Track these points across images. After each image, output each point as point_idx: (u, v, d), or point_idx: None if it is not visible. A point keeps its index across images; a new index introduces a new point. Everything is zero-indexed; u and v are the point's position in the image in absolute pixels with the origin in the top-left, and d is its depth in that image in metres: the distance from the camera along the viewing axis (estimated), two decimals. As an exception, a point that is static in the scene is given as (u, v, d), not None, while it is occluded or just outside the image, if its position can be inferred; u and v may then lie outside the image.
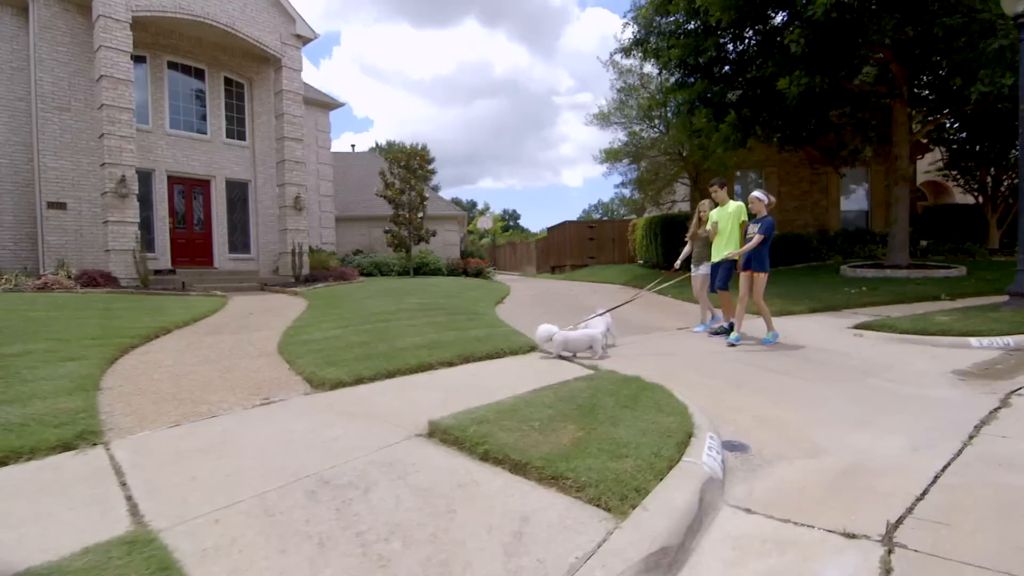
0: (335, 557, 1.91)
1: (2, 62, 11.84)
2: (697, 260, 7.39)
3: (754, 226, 6.34)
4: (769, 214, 6.34)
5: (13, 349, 4.84)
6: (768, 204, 6.36)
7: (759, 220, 6.30)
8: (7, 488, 2.48)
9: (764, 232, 6.17)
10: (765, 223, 6.23)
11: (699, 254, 7.36)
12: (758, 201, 6.34)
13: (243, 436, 3.21)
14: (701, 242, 7.32)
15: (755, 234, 6.24)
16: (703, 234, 7.21)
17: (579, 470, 2.45)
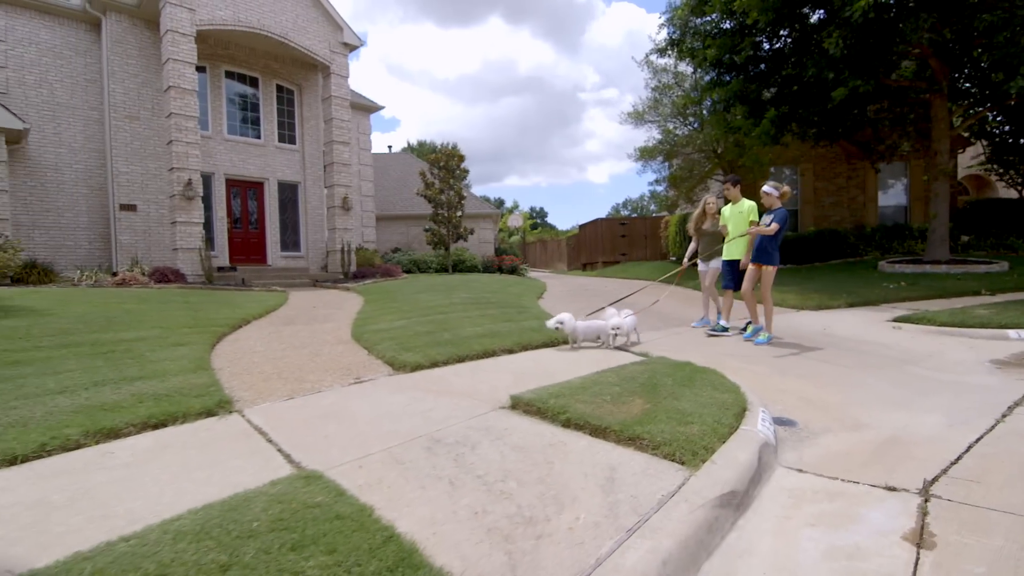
0: (465, 492, 2.38)
1: (77, 75, 12.78)
2: (705, 256, 7.33)
3: (767, 218, 6.23)
4: (783, 206, 6.21)
5: (129, 335, 5.49)
6: (780, 195, 6.21)
7: (772, 212, 6.18)
8: (179, 443, 3.03)
9: (779, 222, 6.04)
10: (778, 214, 6.09)
11: (707, 250, 7.29)
12: (767, 195, 6.24)
13: (350, 407, 3.73)
14: (708, 237, 7.26)
15: (770, 223, 6.14)
16: (710, 229, 7.17)
17: (653, 433, 2.88)
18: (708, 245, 7.26)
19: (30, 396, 3.52)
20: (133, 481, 2.54)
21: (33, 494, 2.38)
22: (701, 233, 7.35)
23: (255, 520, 1.99)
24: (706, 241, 7.28)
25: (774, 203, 6.19)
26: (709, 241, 7.23)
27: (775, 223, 6.03)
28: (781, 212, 6.11)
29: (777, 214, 6.08)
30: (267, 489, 2.31)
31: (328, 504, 2.13)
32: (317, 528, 1.94)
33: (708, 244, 7.26)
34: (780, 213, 6.09)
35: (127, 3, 12.37)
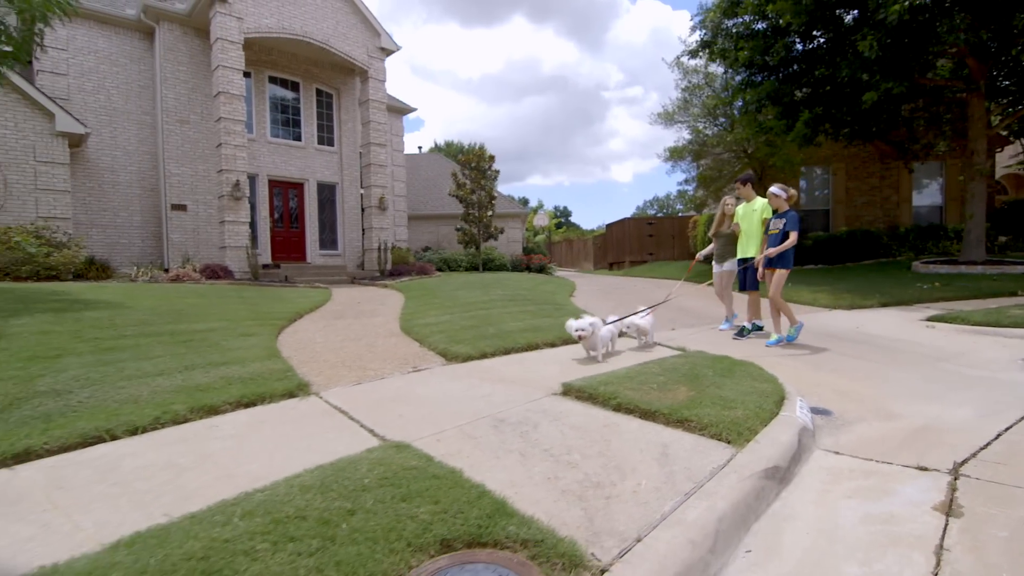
0: (536, 462, 2.70)
1: (131, 81, 13.49)
2: (719, 257, 7.27)
3: (777, 221, 6.13)
4: (791, 208, 6.14)
5: (200, 326, 5.95)
6: (788, 197, 6.10)
7: (782, 215, 6.09)
8: (272, 419, 3.41)
9: (793, 228, 5.94)
10: (791, 219, 5.98)
11: (721, 251, 7.24)
12: (776, 197, 6.11)
13: (414, 392, 4.08)
14: (724, 238, 7.20)
15: (778, 229, 6.04)
16: (727, 230, 7.12)
17: (699, 416, 3.16)
18: (722, 246, 7.23)
19: (133, 377, 3.95)
20: (243, 449, 2.91)
21: (160, 458, 2.78)
22: (718, 235, 7.33)
23: (364, 478, 2.34)
24: (721, 242, 7.25)
25: (782, 205, 6.10)
26: (724, 242, 7.21)
27: (792, 231, 5.94)
28: (794, 216, 6.00)
29: (790, 218, 5.98)
30: (366, 455, 2.65)
31: (422, 467, 2.47)
32: (419, 484, 2.27)
33: (722, 245, 7.23)
34: (793, 217, 5.98)
35: (179, 12, 13.02)
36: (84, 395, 3.53)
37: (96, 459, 2.75)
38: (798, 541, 2.20)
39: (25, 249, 9.93)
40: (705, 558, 1.96)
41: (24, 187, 11.18)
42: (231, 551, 1.76)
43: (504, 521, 2.01)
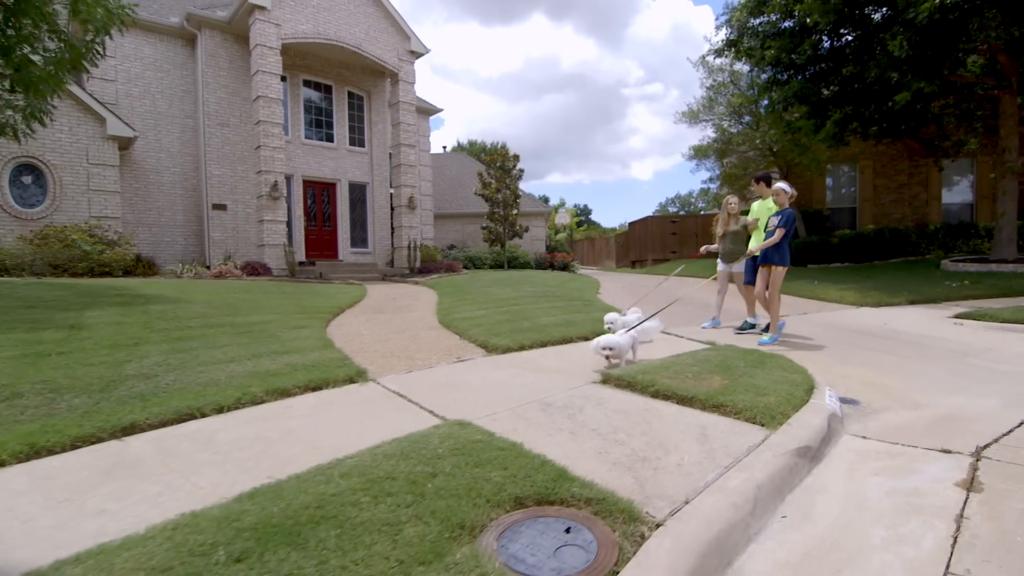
0: (585, 439, 2.97)
1: (175, 86, 14.08)
2: (728, 255, 7.21)
3: (775, 218, 6.23)
4: (789, 206, 6.24)
5: (255, 319, 6.35)
6: (790, 196, 6.21)
7: (780, 212, 6.19)
8: (339, 401, 3.74)
9: (784, 225, 6.08)
10: (785, 215, 6.11)
11: (730, 249, 7.18)
12: (783, 193, 6.19)
13: (463, 379, 4.39)
14: (729, 238, 7.16)
15: (776, 227, 6.16)
16: (733, 228, 7.11)
17: (734, 401, 3.40)
18: (730, 245, 7.18)
19: (208, 364, 4.33)
20: (319, 425, 3.25)
21: (249, 432, 3.12)
22: (724, 234, 7.25)
23: (438, 448, 2.64)
24: (728, 241, 7.20)
25: (785, 203, 6.21)
26: (731, 240, 7.17)
27: (781, 227, 6.07)
28: (788, 213, 6.14)
29: (784, 215, 6.12)
30: (433, 431, 2.96)
31: (486, 441, 2.77)
32: (487, 454, 2.57)
33: (730, 244, 7.18)
34: (787, 214, 6.12)
35: (219, 20, 13.56)
36: (170, 378, 3.91)
37: (193, 432, 3.10)
38: (829, 509, 2.44)
39: (81, 247, 10.51)
40: (746, 519, 2.21)
41: (77, 188, 11.80)
42: (340, 502, 2.08)
43: (567, 484, 2.29)
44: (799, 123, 13.42)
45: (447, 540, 1.84)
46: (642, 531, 2.01)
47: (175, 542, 1.81)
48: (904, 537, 2.18)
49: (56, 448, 2.82)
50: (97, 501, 2.30)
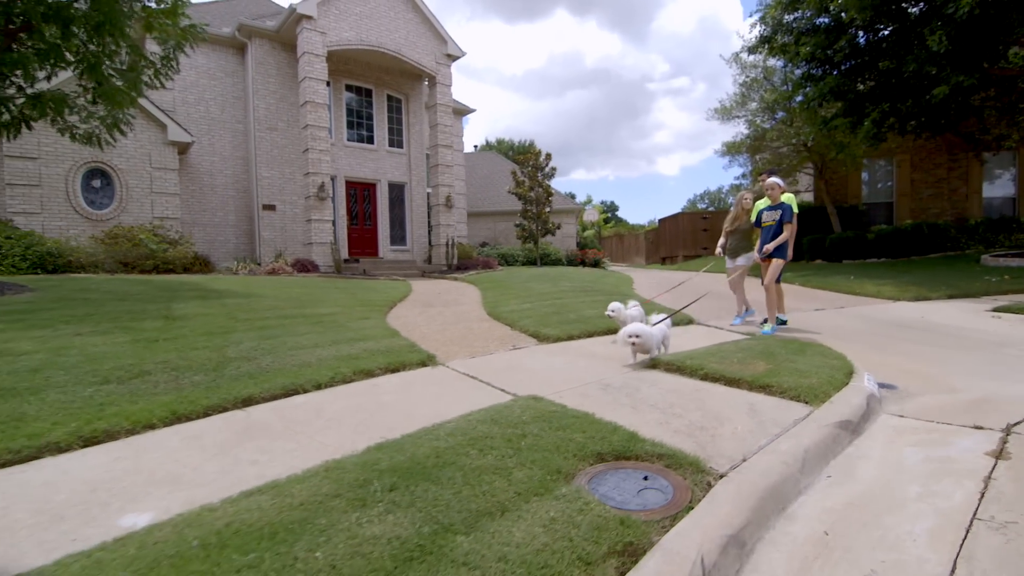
0: (646, 412, 3.35)
1: (226, 93, 14.84)
2: (735, 251, 7.21)
3: (772, 212, 6.25)
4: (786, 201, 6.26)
5: (322, 310, 6.88)
6: (783, 190, 6.30)
7: (777, 207, 6.22)
8: (417, 381, 4.19)
9: (791, 220, 6.15)
10: (786, 210, 6.15)
11: (737, 245, 7.18)
12: (778, 187, 6.25)
13: (523, 363, 4.80)
14: (741, 233, 7.13)
15: (774, 221, 6.22)
16: (744, 226, 7.07)
17: (779, 383, 3.74)
18: (738, 240, 7.19)
19: (296, 348, 4.84)
20: (408, 399, 3.70)
21: (350, 405, 3.58)
22: (735, 230, 7.21)
23: (521, 416, 3.06)
24: (737, 236, 7.19)
25: (778, 196, 6.27)
26: (740, 236, 7.16)
27: (787, 222, 6.14)
28: (788, 208, 6.18)
29: (787, 211, 6.16)
30: (512, 403, 3.38)
31: (561, 411, 3.17)
32: (564, 421, 2.97)
33: (739, 239, 7.19)
34: (789, 209, 6.17)
35: (268, 29, 14.25)
36: (267, 360, 4.42)
37: (301, 404, 3.58)
38: (869, 471, 2.78)
39: (148, 246, 11.28)
40: (795, 475, 2.57)
41: (141, 191, 12.60)
42: (454, 454, 2.51)
43: (639, 444, 2.68)
44: (836, 122, 13.43)
45: (549, 480, 2.25)
46: (708, 480, 2.39)
47: (332, 479, 2.26)
48: (937, 492, 2.51)
49: (192, 415, 3.32)
50: (246, 454, 2.77)
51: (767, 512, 2.27)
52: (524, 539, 1.77)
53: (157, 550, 1.76)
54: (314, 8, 13.56)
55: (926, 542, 2.10)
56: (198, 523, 1.93)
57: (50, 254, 10.36)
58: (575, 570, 1.63)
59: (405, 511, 1.96)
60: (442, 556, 1.67)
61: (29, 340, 4.65)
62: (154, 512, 2.14)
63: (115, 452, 2.82)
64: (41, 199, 11.56)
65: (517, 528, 1.85)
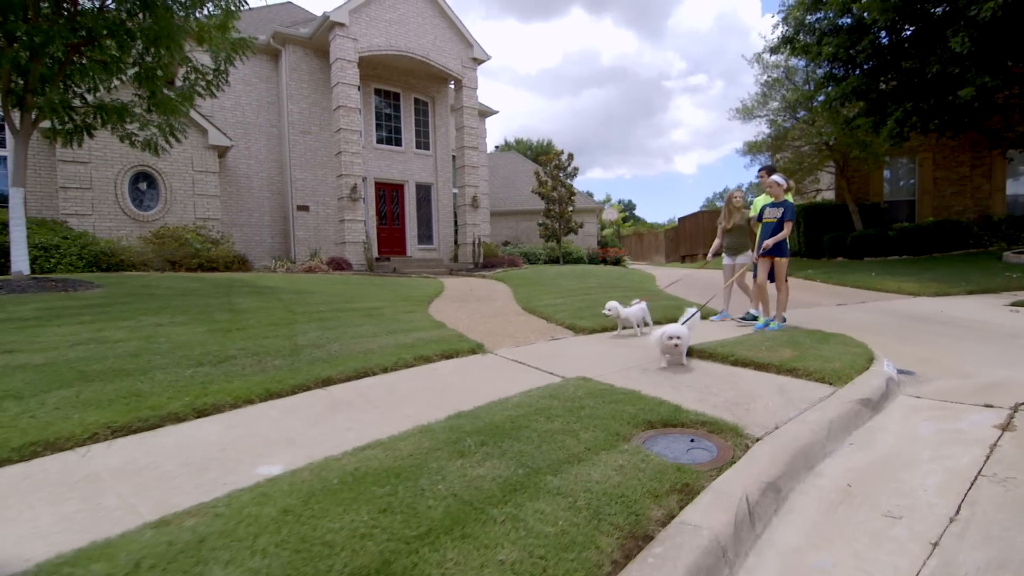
0: (684, 391, 3.74)
1: (261, 98, 15.46)
2: (734, 249, 7.22)
3: (774, 209, 6.26)
4: (786, 199, 6.29)
5: (369, 304, 7.36)
6: (787, 188, 6.32)
7: (779, 204, 6.25)
8: (472, 366, 4.62)
9: (792, 219, 6.17)
10: (789, 208, 6.18)
11: (737, 243, 7.18)
12: (777, 185, 6.27)
13: (564, 351, 5.21)
14: (738, 231, 7.14)
15: (775, 218, 6.23)
16: (739, 223, 7.10)
17: (805, 367, 4.10)
18: (738, 239, 7.19)
19: (357, 337, 5.30)
20: (468, 380, 4.13)
21: (418, 385, 4.02)
22: (729, 228, 7.23)
23: (575, 392, 3.47)
24: (735, 235, 7.19)
25: (779, 195, 6.30)
26: (739, 234, 7.17)
27: (790, 220, 6.17)
28: (791, 206, 6.24)
29: (789, 209, 6.20)
30: (564, 383, 3.80)
31: (610, 389, 3.58)
32: (615, 396, 3.38)
33: (735, 238, 7.19)
34: (791, 207, 6.22)
35: (302, 36, 14.82)
36: (335, 348, 4.88)
37: (374, 385, 4.03)
38: (887, 440, 3.14)
39: (193, 245, 11.90)
40: (822, 441, 2.95)
41: (184, 193, 13.25)
42: (525, 420, 2.93)
43: (683, 414, 3.08)
44: (858, 121, 13.59)
45: (611, 440, 2.66)
46: (746, 443, 2.78)
47: (428, 438, 2.70)
48: (947, 456, 2.87)
49: (282, 393, 3.78)
50: (340, 422, 3.22)
51: (798, 468, 2.65)
52: (601, 479, 2.19)
53: (306, 486, 2.20)
54: (347, 15, 14.09)
55: (935, 492, 2.47)
56: (330, 469, 2.38)
57: (103, 253, 11.00)
58: (646, 500, 2.04)
59: (498, 459, 2.38)
60: (538, 489, 2.09)
61: (119, 330, 5.18)
62: (282, 464, 2.59)
63: (226, 421, 3.28)
64: (92, 201, 12.24)
65: (593, 471, 2.26)
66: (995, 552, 1.98)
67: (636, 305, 6.20)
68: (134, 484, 2.44)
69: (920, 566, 1.94)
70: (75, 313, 5.73)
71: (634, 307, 6.15)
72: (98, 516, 2.15)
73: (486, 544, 1.71)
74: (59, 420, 3.05)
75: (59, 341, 4.61)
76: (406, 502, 1.98)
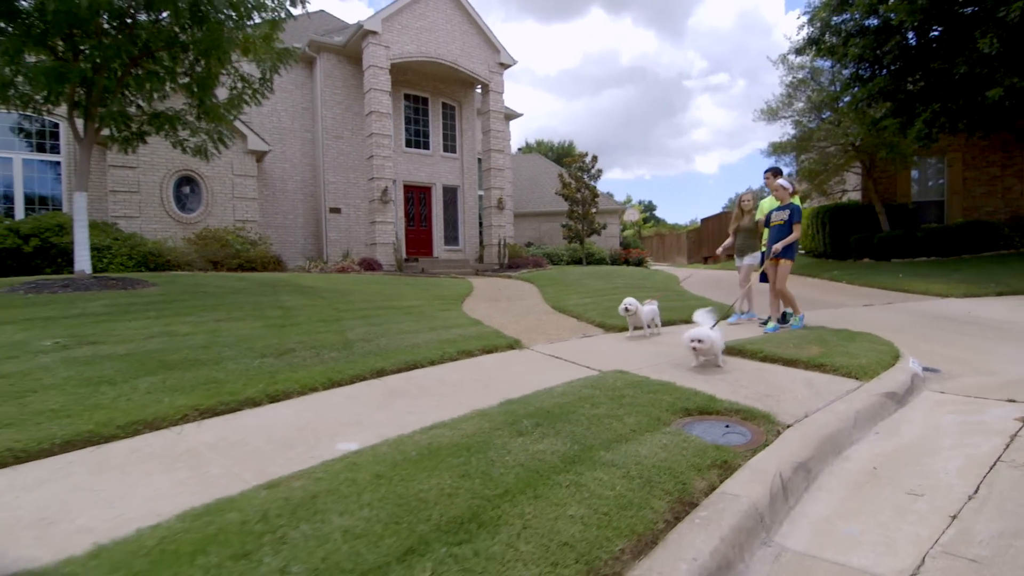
0: (717, 383, 3.97)
1: (296, 104, 15.99)
2: (740, 251, 7.31)
3: (780, 212, 6.33)
4: (792, 201, 6.35)
5: (407, 303, 7.71)
6: (793, 191, 6.40)
7: (785, 207, 6.31)
8: (513, 360, 4.91)
9: (799, 221, 6.22)
10: (795, 211, 6.22)
11: (743, 245, 7.27)
12: (783, 189, 6.37)
13: (596, 348, 5.47)
14: (745, 233, 7.24)
15: (782, 221, 6.30)
16: (748, 225, 7.17)
17: (832, 362, 4.30)
18: (744, 240, 7.28)
19: (402, 333, 5.63)
20: (511, 373, 4.41)
21: (464, 376, 4.32)
22: (739, 230, 7.33)
23: (615, 383, 3.74)
24: (742, 237, 7.29)
25: (785, 197, 6.38)
26: (746, 236, 7.27)
27: (797, 222, 6.21)
28: (798, 209, 6.28)
29: (795, 211, 6.23)
30: (602, 375, 4.06)
31: (646, 380, 3.84)
32: (652, 387, 3.64)
33: (744, 239, 7.29)
34: (798, 210, 6.26)
35: (336, 44, 15.32)
36: (383, 342, 5.22)
37: (424, 375, 4.34)
38: (911, 431, 3.35)
39: (234, 246, 12.42)
40: (849, 429, 3.17)
41: (224, 196, 13.81)
42: (572, 407, 3.21)
43: (718, 403, 3.33)
44: (885, 123, 13.57)
45: (653, 424, 2.93)
46: (777, 429, 3.02)
47: (487, 420, 2.99)
48: (968, 444, 3.07)
49: (342, 382, 4.11)
50: (400, 407, 3.53)
51: (826, 452, 2.89)
52: (648, 454, 2.46)
53: (388, 457, 2.51)
54: (380, 24, 14.55)
55: (956, 474, 2.69)
56: (405, 444, 2.68)
57: (151, 253, 11.56)
58: (691, 471, 2.31)
59: (554, 438, 2.67)
60: (594, 461, 2.37)
61: (184, 324, 5.58)
62: (358, 442, 2.90)
63: (296, 406, 3.62)
64: (139, 204, 12.85)
65: (641, 448, 2.53)
66: (1009, 523, 2.20)
67: (648, 305, 6.27)
68: (230, 457, 2.77)
69: (939, 534, 2.17)
70: (141, 309, 6.17)
71: (646, 307, 6.23)
72: (207, 482, 2.48)
73: (556, 502, 1.99)
74: (152, 403, 3.41)
75: (134, 334, 5.03)
76: (480, 470, 2.27)
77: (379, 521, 1.86)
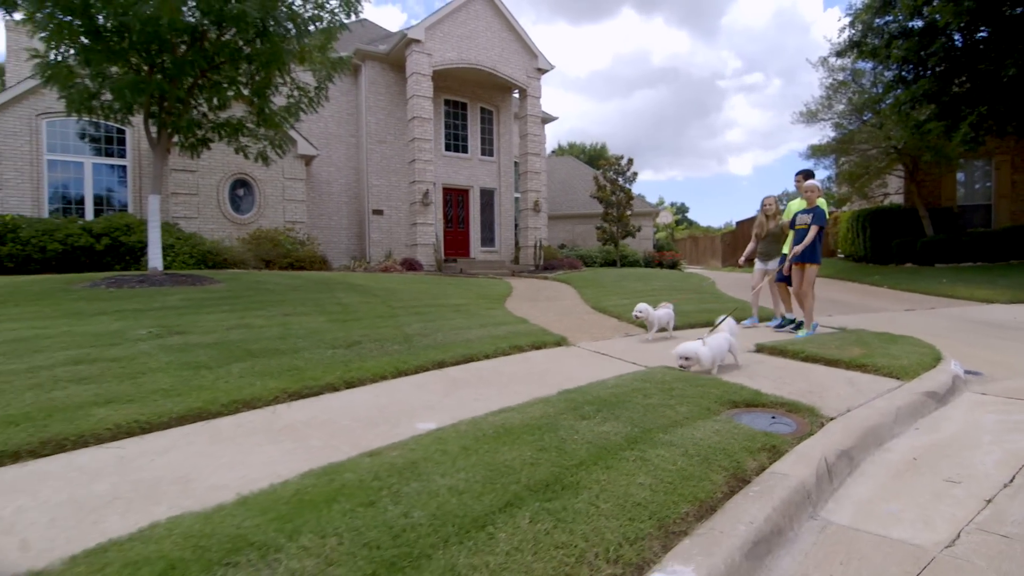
0: (760, 380, 4.19)
1: (342, 110, 16.63)
2: (767, 255, 7.31)
3: (805, 216, 6.30)
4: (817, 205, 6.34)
5: (453, 301, 8.08)
6: (820, 194, 6.41)
7: (810, 210, 6.29)
8: (560, 356, 5.20)
9: (819, 223, 6.17)
10: (819, 213, 6.20)
11: (769, 249, 7.27)
12: (815, 190, 6.33)
13: (640, 346, 5.71)
14: (771, 237, 7.22)
15: (805, 224, 6.26)
16: (774, 229, 7.17)
17: (874, 363, 4.47)
18: (768, 244, 7.30)
19: (455, 329, 5.98)
20: (562, 367, 4.71)
21: (519, 370, 4.63)
22: (764, 234, 7.32)
23: (663, 377, 3.99)
24: (768, 241, 7.30)
25: (814, 199, 6.34)
26: (772, 240, 7.27)
27: (815, 224, 6.19)
28: (821, 211, 6.25)
29: (818, 213, 6.22)
30: (650, 370, 4.32)
31: (693, 376, 4.09)
32: (699, 381, 3.89)
33: (770, 244, 7.29)
34: (820, 212, 6.24)
35: (380, 52, 15.90)
36: (439, 337, 5.58)
37: (480, 368, 4.67)
38: (951, 427, 3.52)
39: (285, 246, 13.05)
40: (889, 423, 3.37)
41: (275, 198, 14.49)
42: (626, 396, 3.48)
43: (763, 397, 3.56)
44: (929, 125, 13.38)
45: (703, 413, 3.19)
46: (821, 421, 3.25)
47: (550, 406, 3.29)
48: (1006, 440, 3.24)
49: (407, 372, 4.47)
50: (466, 395, 3.86)
51: (868, 443, 3.10)
52: (703, 437, 2.73)
53: (469, 434, 2.83)
54: (422, 32, 15.05)
55: (993, 466, 2.88)
56: (480, 424, 3.01)
57: (209, 252, 12.25)
58: (743, 452, 2.57)
59: (615, 422, 2.96)
60: (654, 442, 2.66)
61: (257, 318, 6.05)
62: (435, 423, 3.23)
63: (372, 392, 3.98)
64: (198, 206, 13.60)
65: (695, 432, 2.80)
66: (1041, 507, 2.40)
67: (663, 309, 6.31)
68: (325, 432, 3.14)
69: (975, 514, 2.38)
70: (214, 303, 6.68)
71: (660, 310, 6.24)
72: (312, 452, 2.85)
73: (626, 473, 2.29)
74: (247, 385, 3.82)
75: (215, 325, 5.50)
76: (555, 445, 2.58)
77: (476, 482, 2.19)
